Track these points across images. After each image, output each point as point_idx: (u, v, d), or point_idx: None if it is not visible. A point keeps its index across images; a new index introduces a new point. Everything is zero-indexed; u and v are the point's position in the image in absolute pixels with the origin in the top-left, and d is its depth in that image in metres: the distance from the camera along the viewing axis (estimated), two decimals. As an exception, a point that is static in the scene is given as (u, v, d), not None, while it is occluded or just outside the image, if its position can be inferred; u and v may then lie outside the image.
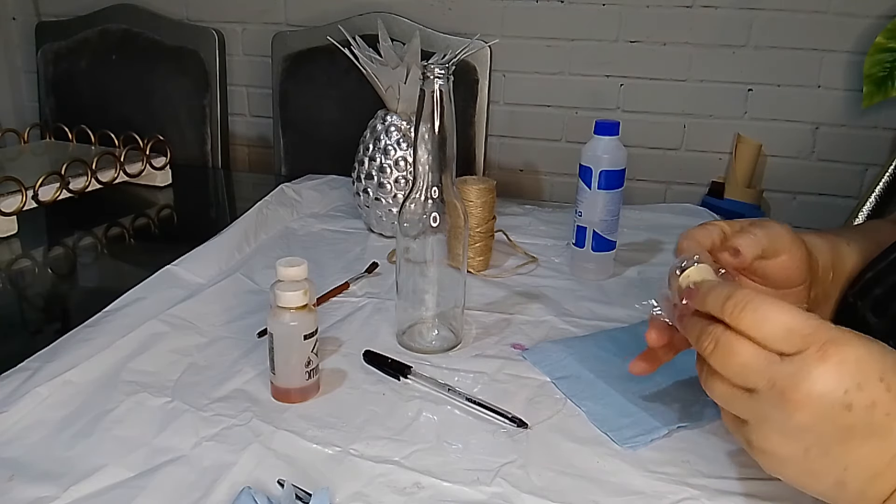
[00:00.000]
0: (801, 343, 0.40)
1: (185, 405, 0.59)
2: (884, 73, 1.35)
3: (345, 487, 0.50)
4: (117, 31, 1.64)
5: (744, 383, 0.43)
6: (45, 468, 0.52)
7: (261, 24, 1.66)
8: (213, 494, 0.49)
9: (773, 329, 0.41)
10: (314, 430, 0.57)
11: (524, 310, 0.78)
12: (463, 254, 0.69)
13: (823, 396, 0.39)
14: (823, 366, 0.39)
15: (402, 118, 0.96)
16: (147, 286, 0.79)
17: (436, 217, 0.66)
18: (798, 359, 0.40)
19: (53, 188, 1.05)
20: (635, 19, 1.47)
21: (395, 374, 0.64)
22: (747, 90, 1.47)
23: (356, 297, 0.81)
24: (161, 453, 0.54)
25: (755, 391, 0.42)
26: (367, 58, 0.95)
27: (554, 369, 0.66)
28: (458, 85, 0.63)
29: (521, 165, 1.64)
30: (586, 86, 1.54)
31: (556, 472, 0.53)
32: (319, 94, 1.55)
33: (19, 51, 1.82)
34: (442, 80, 0.62)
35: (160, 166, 1.24)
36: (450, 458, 0.54)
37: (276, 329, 0.59)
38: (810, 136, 1.48)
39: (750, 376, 0.42)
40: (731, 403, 0.44)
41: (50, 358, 0.64)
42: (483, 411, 0.59)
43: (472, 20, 1.54)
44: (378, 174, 0.96)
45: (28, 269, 0.97)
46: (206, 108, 1.60)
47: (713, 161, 1.53)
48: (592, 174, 0.83)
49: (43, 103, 1.71)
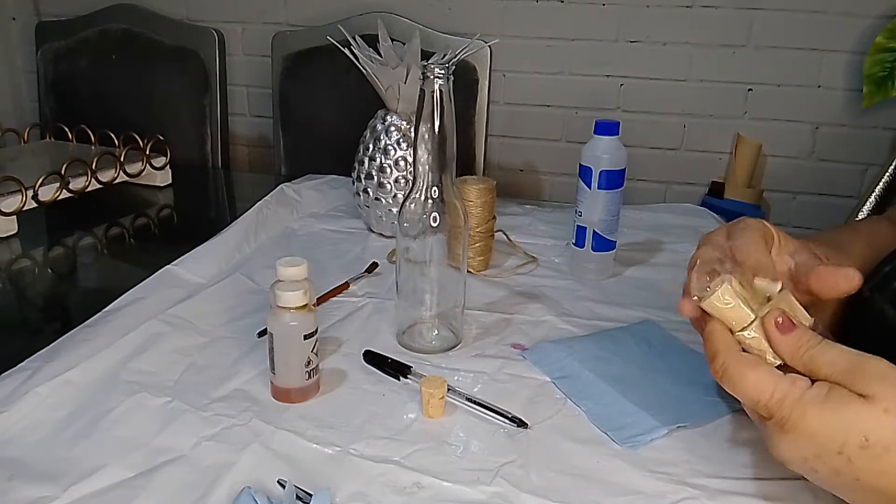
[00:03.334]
0: (766, 413, 0.44)
1: (185, 405, 0.59)
2: (884, 73, 1.35)
3: (345, 487, 0.50)
4: (117, 31, 1.64)
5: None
6: (44, 468, 0.52)
7: (261, 24, 1.66)
8: (213, 494, 0.49)
9: (744, 397, 0.45)
10: (314, 429, 0.57)
11: (524, 310, 0.78)
12: (463, 254, 0.69)
13: (790, 462, 0.43)
14: (784, 437, 0.43)
15: (402, 118, 0.96)
16: (147, 286, 0.79)
17: (436, 217, 0.66)
18: (769, 424, 0.44)
19: (53, 188, 1.05)
20: (635, 19, 1.47)
21: (395, 374, 0.64)
22: (747, 90, 1.47)
23: (356, 297, 0.81)
24: (161, 453, 0.54)
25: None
26: (367, 58, 0.95)
27: (554, 369, 0.66)
28: (458, 85, 0.63)
29: (521, 165, 1.63)
30: (586, 86, 1.54)
31: (556, 471, 0.53)
32: (319, 94, 1.55)
33: (19, 51, 1.82)
34: (442, 80, 0.62)
35: (160, 166, 1.24)
36: (450, 458, 0.54)
37: (276, 329, 0.59)
38: (810, 136, 1.48)
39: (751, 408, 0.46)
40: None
41: (50, 358, 0.64)
42: (483, 411, 0.59)
43: (472, 20, 1.54)
44: (378, 174, 0.96)
45: (28, 269, 0.97)
46: (206, 108, 1.60)
47: (713, 161, 1.53)
48: (592, 174, 0.83)
49: (43, 103, 1.71)
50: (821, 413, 0.41)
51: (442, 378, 0.59)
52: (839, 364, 0.43)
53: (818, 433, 0.41)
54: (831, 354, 0.43)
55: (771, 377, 0.44)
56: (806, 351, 0.44)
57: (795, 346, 0.45)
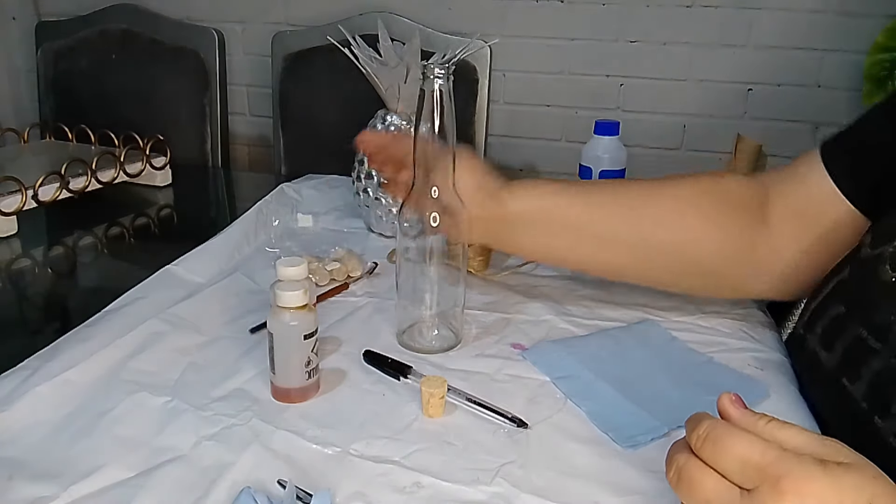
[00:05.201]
0: (756, 478, 0.38)
1: (185, 405, 0.59)
2: (884, 73, 1.35)
3: (345, 487, 0.50)
4: (117, 31, 1.64)
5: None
6: (44, 468, 0.52)
7: (261, 23, 1.66)
8: (213, 494, 0.49)
9: (730, 462, 0.39)
10: (314, 429, 0.57)
11: (524, 310, 0.78)
12: (463, 254, 0.69)
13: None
14: (783, 499, 0.37)
15: (402, 118, 0.96)
16: (147, 286, 0.79)
17: (435, 217, 0.66)
18: (756, 494, 0.38)
19: (53, 188, 1.05)
20: (635, 19, 1.47)
21: (395, 374, 0.64)
22: (747, 90, 1.47)
23: (356, 297, 0.81)
24: (161, 453, 0.54)
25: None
26: (367, 58, 0.95)
27: (554, 369, 0.66)
28: (458, 85, 0.63)
29: (520, 165, 1.64)
30: (586, 86, 1.54)
31: (556, 471, 0.53)
32: (319, 94, 1.55)
33: (19, 51, 1.82)
34: (442, 79, 0.62)
35: (160, 166, 1.24)
36: (450, 458, 0.54)
37: (276, 329, 0.59)
38: (810, 136, 1.48)
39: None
40: None
41: (50, 357, 0.64)
42: (483, 411, 0.59)
43: (472, 20, 1.54)
44: (378, 174, 0.96)
45: (28, 269, 0.97)
46: (206, 108, 1.60)
47: (713, 161, 1.53)
48: (592, 174, 0.83)
49: (43, 103, 1.71)
50: (824, 472, 0.37)
51: (442, 378, 0.59)
52: (802, 438, 0.40)
53: (822, 494, 0.36)
54: (791, 430, 0.40)
55: (760, 440, 0.39)
56: (766, 424, 0.41)
57: (753, 421, 0.41)
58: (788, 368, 0.67)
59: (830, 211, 0.64)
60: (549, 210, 0.70)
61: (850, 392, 0.52)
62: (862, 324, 0.53)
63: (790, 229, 0.67)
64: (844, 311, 0.56)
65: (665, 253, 0.69)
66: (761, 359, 0.68)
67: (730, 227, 0.68)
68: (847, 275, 0.58)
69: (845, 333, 0.54)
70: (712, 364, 0.67)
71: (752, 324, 0.75)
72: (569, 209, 0.70)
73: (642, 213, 0.69)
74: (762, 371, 0.66)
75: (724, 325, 0.74)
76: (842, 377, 0.46)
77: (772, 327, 0.75)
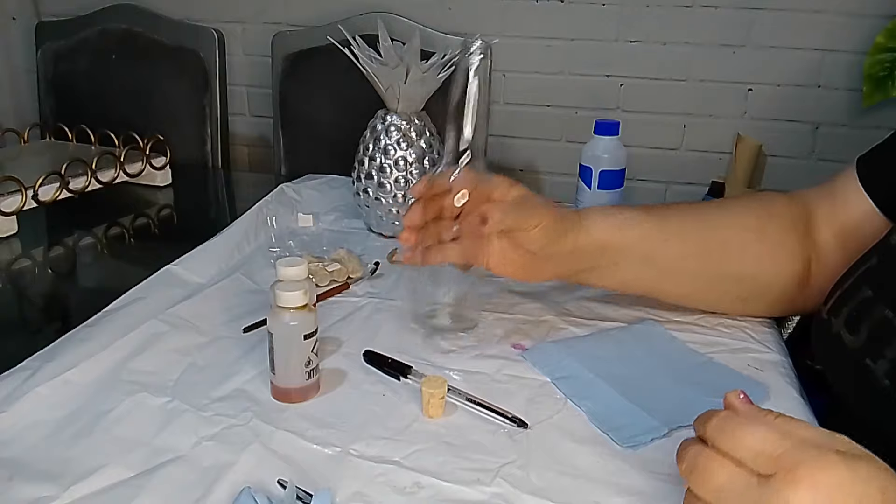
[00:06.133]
0: (772, 466, 0.38)
1: (185, 405, 0.59)
2: (884, 73, 1.35)
3: (345, 487, 0.50)
4: (117, 31, 1.64)
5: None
6: (44, 468, 0.52)
7: (261, 24, 1.66)
8: (213, 494, 0.49)
9: (745, 451, 0.40)
10: (314, 430, 0.57)
11: (524, 310, 0.78)
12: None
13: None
14: (794, 493, 0.37)
15: (402, 118, 0.96)
16: (147, 286, 0.79)
17: None
18: (772, 482, 0.38)
19: (53, 188, 1.05)
20: (635, 19, 1.47)
21: (395, 374, 0.64)
22: (747, 90, 1.47)
23: (356, 297, 0.81)
24: (161, 453, 0.54)
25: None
26: (367, 58, 0.95)
27: (554, 369, 0.66)
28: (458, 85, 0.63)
29: (521, 165, 1.64)
30: (586, 86, 1.54)
31: (557, 472, 0.53)
32: (319, 94, 1.55)
33: (19, 51, 1.82)
34: (483, 55, 0.63)
35: (160, 166, 1.24)
36: (450, 458, 0.54)
37: (276, 329, 0.59)
38: (810, 136, 1.48)
39: (728, 500, 0.40)
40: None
41: (50, 358, 0.64)
42: (483, 411, 0.59)
43: (472, 20, 1.54)
44: (378, 174, 0.96)
45: (28, 269, 0.97)
46: (206, 108, 1.60)
47: (713, 161, 1.53)
48: (592, 174, 0.83)
49: (43, 103, 1.71)
50: (840, 460, 0.37)
51: (442, 378, 0.60)
52: (812, 432, 0.40)
53: (839, 484, 0.37)
54: (800, 424, 0.41)
55: (775, 430, 0.40)
56: (775, 419, 0.41)
57: (762, 416, 0.42)
58: (789, 369, 0.67)
59: (867, 226, 0.66)
60: (629, 243, 0.69)
61: (872, 370, 0.53)
62: (888, 305, 0.54)
63: (835, 246, 0.69)
64: (872, 294, 0.56)
65: (738, 281, 0.71)
66: (761, 359, 0.68)
67: (793, 249, 0.70)
68: (875, 262, 0.59)
69: (872, 315, 0.55)
70: (712, 364, 0.67)
71: (752, 324, 0.74)
72: (642, 242, 0.69)
73: (709, 246, 0.70)
74: (762, 371, 0.66)
75: (724, 326, 0.74)
76: (865, 357, 0.46)
77: (772, 327, 0.75)
